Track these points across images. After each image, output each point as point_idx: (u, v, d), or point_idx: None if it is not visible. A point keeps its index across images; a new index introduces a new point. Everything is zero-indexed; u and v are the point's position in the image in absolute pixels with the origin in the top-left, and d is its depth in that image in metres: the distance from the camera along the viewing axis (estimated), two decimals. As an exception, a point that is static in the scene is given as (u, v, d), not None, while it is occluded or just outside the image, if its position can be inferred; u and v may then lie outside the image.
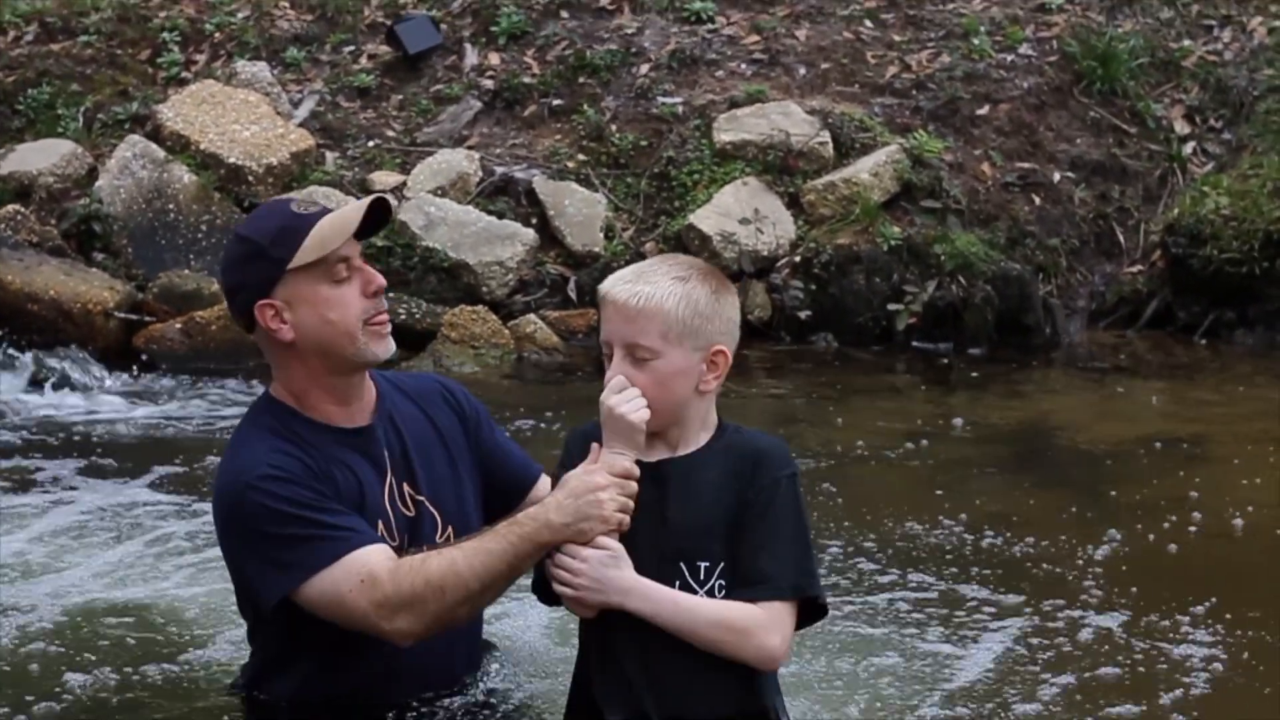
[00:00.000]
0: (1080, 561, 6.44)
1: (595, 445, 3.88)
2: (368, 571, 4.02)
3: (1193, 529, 6.83)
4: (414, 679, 4.30)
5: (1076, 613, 5.85)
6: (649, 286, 3.81)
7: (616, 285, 3.87)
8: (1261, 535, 6.80)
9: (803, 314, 10.39)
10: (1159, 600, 5.92)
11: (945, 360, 10.20)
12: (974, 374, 9.93)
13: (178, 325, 9.96)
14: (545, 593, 3.98)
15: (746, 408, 8.89)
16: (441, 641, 4.23)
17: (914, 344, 10.37)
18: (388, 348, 4.29)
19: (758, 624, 3.74)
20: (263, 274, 4.21)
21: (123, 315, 10.02)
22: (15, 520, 7.00)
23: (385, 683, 4.27)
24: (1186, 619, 5.75)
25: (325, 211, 4.26)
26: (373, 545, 4.09)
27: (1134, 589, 6.06)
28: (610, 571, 3.78)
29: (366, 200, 4.27)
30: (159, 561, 6.45)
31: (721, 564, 3.79)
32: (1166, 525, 6.85)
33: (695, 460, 3.85)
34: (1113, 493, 7.39)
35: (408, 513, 4.28)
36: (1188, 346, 10.42)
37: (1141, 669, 5.36)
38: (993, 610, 5.89)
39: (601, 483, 3.84)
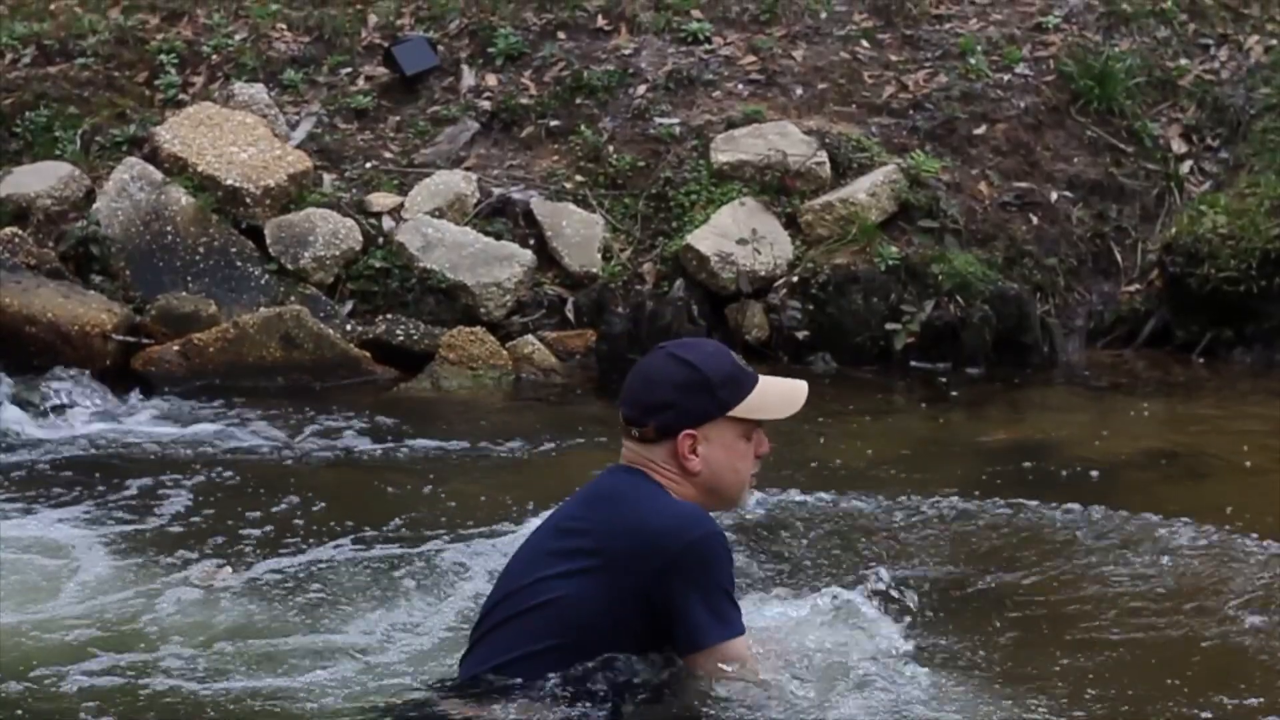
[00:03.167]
0: (1097, 577, 6.44)
1: None
2: (750, 656, 4.65)
3: (1205, 544, 6.81)
4: None
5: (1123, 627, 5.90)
6: None
7: None
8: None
9: (800, 334, 10.39)
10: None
11: (943, 380, 10.19)
12: (972, 393, 9.92)
13: (175, 347, 9.96)
14: None
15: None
16: None
17: (912, 364, 10.36)
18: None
19: None
20: (702, 407, 4.65)
21: (121, 337, 10.01)
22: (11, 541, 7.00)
23: None
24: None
25: (758, 373, 4.77)
26: None
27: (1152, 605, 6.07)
28: None
29: (806, 386, 4.83)
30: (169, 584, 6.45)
31: None
32: (1176, 544, 6.83)
33: None
34: (1118, 510, 7.37)
35: None
36: (1186, 365, 10.42)
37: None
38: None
39: None
